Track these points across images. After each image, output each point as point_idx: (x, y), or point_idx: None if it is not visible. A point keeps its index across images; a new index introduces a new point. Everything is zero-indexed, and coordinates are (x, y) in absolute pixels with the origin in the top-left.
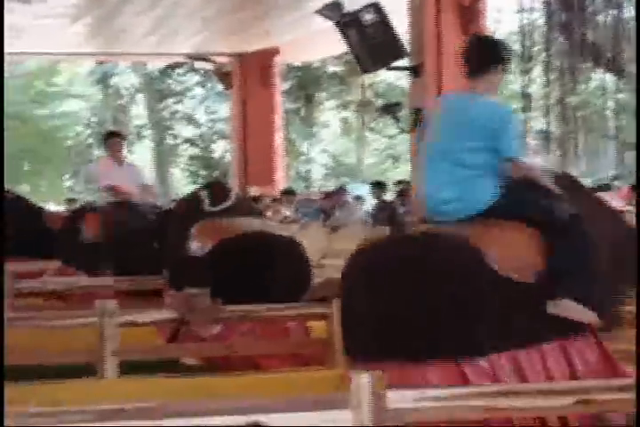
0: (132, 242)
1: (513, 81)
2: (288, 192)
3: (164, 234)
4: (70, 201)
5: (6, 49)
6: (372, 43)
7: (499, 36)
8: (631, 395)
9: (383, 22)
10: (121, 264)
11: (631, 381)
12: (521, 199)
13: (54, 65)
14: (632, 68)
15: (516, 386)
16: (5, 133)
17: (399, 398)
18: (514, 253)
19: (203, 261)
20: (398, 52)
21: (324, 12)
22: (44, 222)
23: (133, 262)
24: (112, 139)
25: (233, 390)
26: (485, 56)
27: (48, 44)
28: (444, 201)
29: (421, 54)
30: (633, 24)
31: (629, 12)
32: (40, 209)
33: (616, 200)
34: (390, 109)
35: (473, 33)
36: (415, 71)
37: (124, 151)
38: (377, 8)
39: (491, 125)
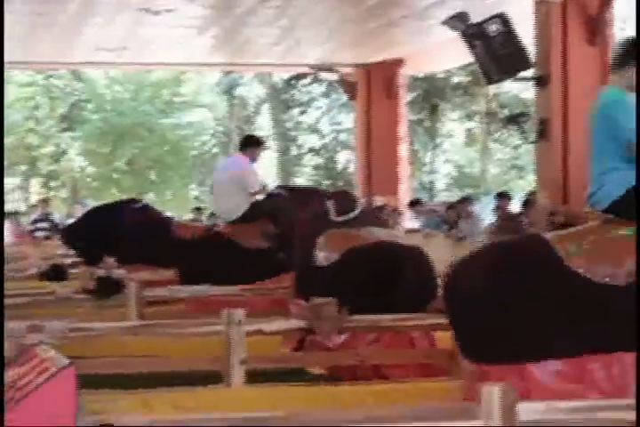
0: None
1: None
2: (415, 202)
3: (291, 243)
4: (197, 210)
5: (135, 59)
6: (497, 53)
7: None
8: None
9: (509, 33)
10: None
11: None
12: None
13: (180, 75)
14: None
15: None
16: (133, 143)
17: (529, 410)
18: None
19: (330, 270)
20: (524, 62)
21: (450, 22)
22: (172, 231)
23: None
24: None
25: (358, 399)
26: (625, 52)
27: (175, 55)
28: (590, 195)
29: (547, 65)
30: None
31: None
32: (169, 219)
33: None
34: (516, 120)
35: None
36: (541, 82)
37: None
38: (503, 19)
39: (606, 112)
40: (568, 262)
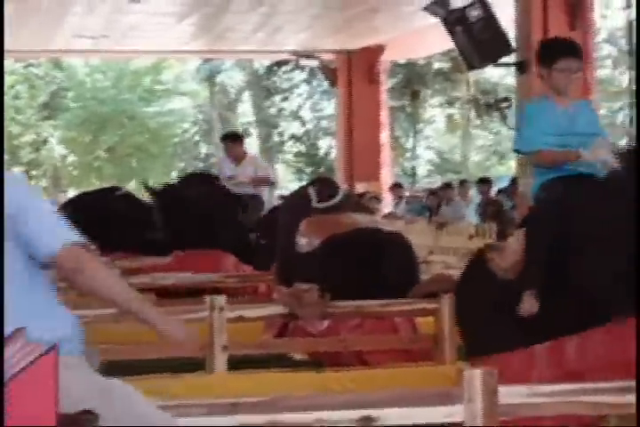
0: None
1: (619, 78)
2: (396, 187)
3: (273, 230)
4: None
5: (115, 47)
6: (478, 39)
7: (605, 31)
8: None
9: (490, 18)
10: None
11: None
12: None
13: (161, 63)
14: None
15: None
16: (114, 132)
17: (511, 394)
18: None
19: (311, 256)
20: (505, 48)
21: (431, 8)
22: (154, 218)
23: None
24: (225, 142)
25: (341, 385)
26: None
27: (155, 43)
28: None
29: (528, 50)
30: None
31: None
32: (150, 206)
33: None
34: (497, 106)
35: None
36: (522, 67)
37: (241, 150)
38: (483, 4)
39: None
40: None
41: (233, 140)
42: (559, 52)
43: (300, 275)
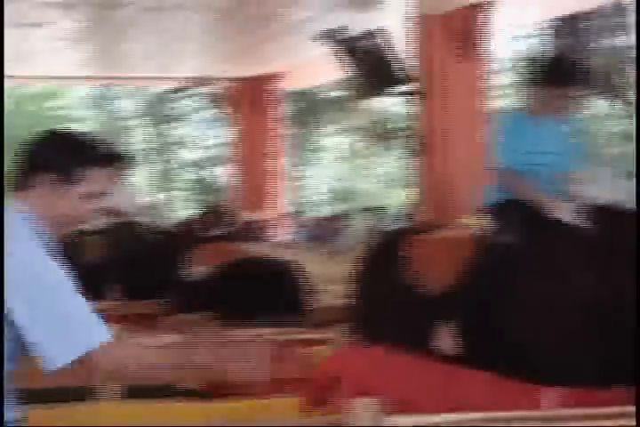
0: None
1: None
2: (289, 215)
3: (166, 257)
4: None
5: (13, 72)
6: (372, 68)
7: (499, 61)
8: None
9: (383, 47)
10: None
11: None
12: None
13: (56, 89)
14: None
15: (517, 413)
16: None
17: (396, 424)
18: None
19: (202, 284)
20: (399, 77)
21: (326, 37)
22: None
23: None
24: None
25: (230, 414)
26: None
27: (50, 69)
28: None
29: (423, 80)
30: (631, 51)
31: (625, 39)
32: None
33: None
34: (391, 135)
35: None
36: (417, 96)
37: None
38: (378, 34)
39: None
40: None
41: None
42: (571, 79)
43: (191, 303)
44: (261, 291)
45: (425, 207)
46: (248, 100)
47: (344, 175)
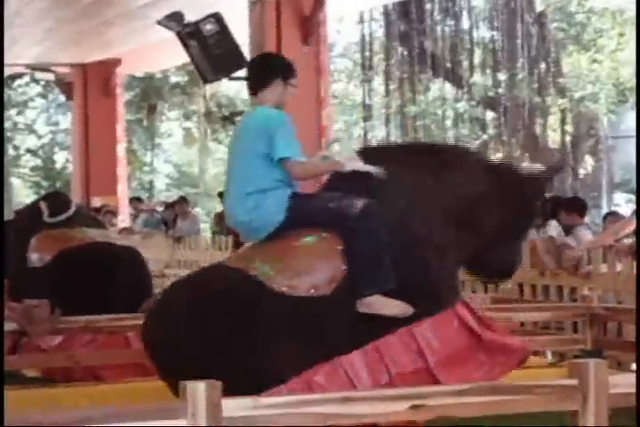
0: None
1: (353, 91)
2: (133, 200)
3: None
4: None
5: None
6: (212, 53)
7: (339, 46)
8: (470, 399)
9: (223, 32)
10: None
11: (468, 386)
12: (308, 208)
13: None
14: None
15: (353, 393)
16: None
17: (235, 407)
18: (312, 268)
19: (42, 272)
20: (239, 62)
21: (165, 22)
22: None
23: None
24: None
25: (73, 401)
26: (263, 72)
27: None
28: (240, 223)
29: None
30: (471, 35)
31: (468, 23)
32: None
33: None
34: (232, 119)
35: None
36: None
37: None
38: (218, 19)
39: (264, 129)
40: (270, 284)
41: None
42: (295, 70)
43: (31, 291)
44: (102, 277)
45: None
46: (90, 85)
47: (188, 160)
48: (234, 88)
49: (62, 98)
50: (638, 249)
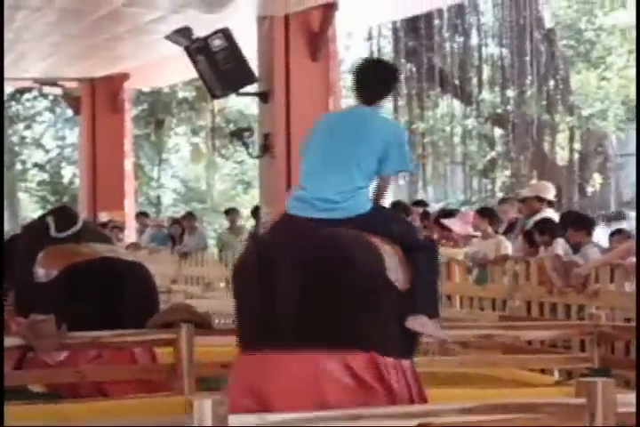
0: None
1: None
2: (140, 215)
3: (11, 259)
4: None
5: None
6: (220, 68)
7: (348, 62)
8: (477, 417)
9: (232, 48)
10: None
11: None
12: (387, 214)
13: None
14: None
15: (362, 410)
16: None
17: (240, 422)
18: (394, 263)
19: (49, 286)
20: (247, 77)
21: (174, 37)
22: None
23: None
24: None
25: (80, 416)
26: (384, 84)
27: None
28: (327, 201)
29: (270, 80)
30: (480, 52)
31: (477, 40)
32: None
33: (460, 225)
34: (240, 135)
35: (323, 59)
36: (264, 97)
37: None
38: (226, 34)
39: (394, 140)
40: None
41: None
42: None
43: (37, 306)
44: (109, 292)
45: (268, 209)
46: (98, 100)
47: (196, 175)
48: (242, 103)
49: (70, 112)
50: (638, 265)
